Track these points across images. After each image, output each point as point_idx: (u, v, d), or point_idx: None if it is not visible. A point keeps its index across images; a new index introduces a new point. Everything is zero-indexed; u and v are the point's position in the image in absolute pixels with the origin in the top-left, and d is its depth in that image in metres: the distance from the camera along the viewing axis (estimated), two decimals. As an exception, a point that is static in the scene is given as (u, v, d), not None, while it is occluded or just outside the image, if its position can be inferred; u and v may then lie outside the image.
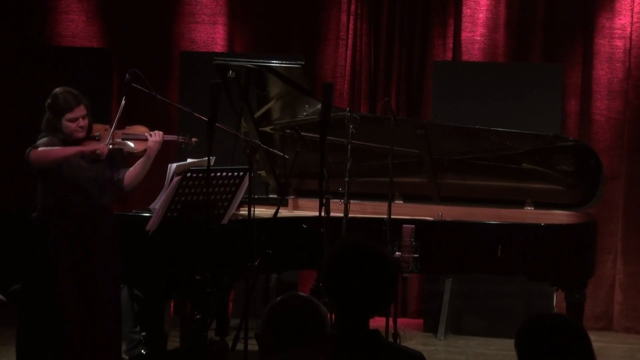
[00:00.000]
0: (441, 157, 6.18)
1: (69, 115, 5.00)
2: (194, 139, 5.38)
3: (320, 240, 5.02)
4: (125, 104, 5.08)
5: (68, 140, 5.04)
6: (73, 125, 5.02)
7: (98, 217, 5.07)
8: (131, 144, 5.19)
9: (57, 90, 5.10)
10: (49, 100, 5.07)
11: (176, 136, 5.42)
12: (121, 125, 5.22)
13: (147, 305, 5.58)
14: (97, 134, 5.12)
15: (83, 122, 5.04)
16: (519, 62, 7.76)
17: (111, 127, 5.13)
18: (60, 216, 5.03)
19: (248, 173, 5.16)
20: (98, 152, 4.98)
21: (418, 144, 6.09)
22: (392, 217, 5.48)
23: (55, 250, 5.01)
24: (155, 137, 5.18)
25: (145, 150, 5.18)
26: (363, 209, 6.14)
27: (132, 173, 5.21)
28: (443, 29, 7.85)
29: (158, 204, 5.22)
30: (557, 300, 6.98)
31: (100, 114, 5.30)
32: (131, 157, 5.25)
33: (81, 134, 5.06)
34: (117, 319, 5.19)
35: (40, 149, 4.95)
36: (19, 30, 8.09)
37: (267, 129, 6.29)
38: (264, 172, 6.48)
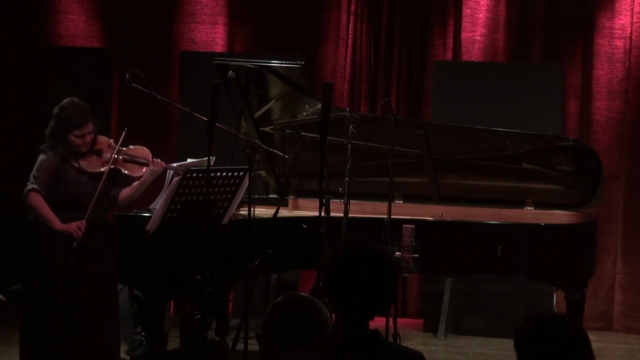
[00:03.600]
0: (441, 157, 6.18)
1: (77, 132, 5.02)
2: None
3: (320, 240, 5.02)
4: (126, 133, 5.11)
5: (70, 153, 5.07)
6: (79, 141, 5.05)
7: (92, 227, 5.07)
8: (131, 166, 5.19)
9: (67, 102, 5.08)
10: (57, 111, 5.06)
11: (176, 164, 5.39)
12: (124, 142, 5.22)
13: (147, 305, 5.58)
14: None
15: (89, 138, 5.08)
16: (519, 62, 7.76)
17: (116, 146, 5.14)
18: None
19: (248, 173, 5.16)
20: (76, 235, 4.96)
21: (418, 144, 6.09)
22: (392, 217, 5.48)
23: (49, 254, 5.03)
24: (155, 166, 5.20)
25: (142, 175, 5.19)
26: (363, 209, 6.14)
27: (126, 193, 5.25)
28: (443, 29, 7.85)
29: (158, 204, 5.22)
30: (557, 300, 6.98)
31: (100, 114, 5.30)
32: (127, 180, 5.26)
33: (85, 149, 5.10)
34: (114, 321, 5.19)
35: (36, 201, 4.98)
36: (19, 30, 8.09)
37: (267, 129, 6.29)
38: (264, 172, 6.48)
